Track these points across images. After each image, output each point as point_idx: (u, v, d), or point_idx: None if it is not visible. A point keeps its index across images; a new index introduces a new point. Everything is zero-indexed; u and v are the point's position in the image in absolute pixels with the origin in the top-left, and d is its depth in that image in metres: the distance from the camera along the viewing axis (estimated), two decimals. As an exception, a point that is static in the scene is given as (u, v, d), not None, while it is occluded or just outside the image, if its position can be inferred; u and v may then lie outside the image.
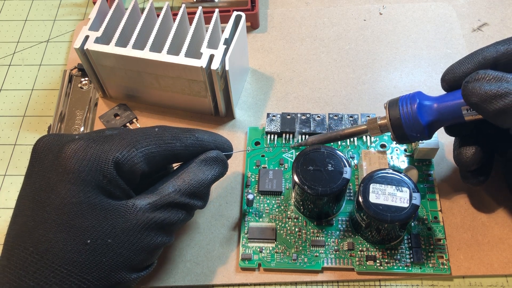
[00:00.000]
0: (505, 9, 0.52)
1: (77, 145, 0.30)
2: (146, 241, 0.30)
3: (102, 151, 0.30)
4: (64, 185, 0.29)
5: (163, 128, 0.34)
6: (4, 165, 0.45)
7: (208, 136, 0.35)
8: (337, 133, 0.38)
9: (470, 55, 0.34)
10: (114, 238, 0.29)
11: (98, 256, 0.29)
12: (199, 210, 0.40)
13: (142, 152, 0.31)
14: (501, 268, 0.37)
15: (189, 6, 0.52)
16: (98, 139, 0.31)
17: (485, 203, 0.40)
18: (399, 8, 0.53)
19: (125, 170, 0.30)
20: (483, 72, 0.31)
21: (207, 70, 0.40)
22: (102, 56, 0.41)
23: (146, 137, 0.32)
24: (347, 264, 0.37)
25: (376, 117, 0.37)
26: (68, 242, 0.28)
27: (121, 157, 0.30)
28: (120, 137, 0.31)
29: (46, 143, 0.31)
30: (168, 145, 0.33)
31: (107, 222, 0.29)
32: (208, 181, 0.34)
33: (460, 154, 0.36)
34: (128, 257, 0.30)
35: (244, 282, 0.37)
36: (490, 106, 0.30)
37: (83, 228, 0.29)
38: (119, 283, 0.30)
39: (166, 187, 0.32)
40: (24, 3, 0.57)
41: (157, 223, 0.31)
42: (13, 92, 0.49)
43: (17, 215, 0.30)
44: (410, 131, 0.35)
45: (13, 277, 0.28)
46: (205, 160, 0.34)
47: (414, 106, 0.34)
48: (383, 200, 0.34)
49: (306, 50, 0.50)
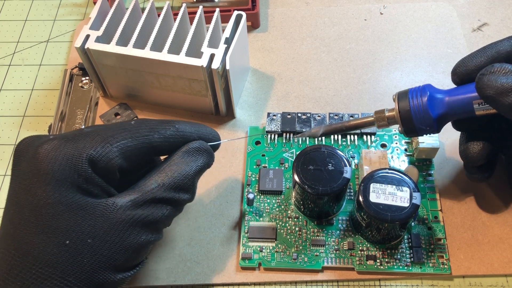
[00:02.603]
0: (505, 9, 0.52)
1: (50, 145, 0.29)
2: (129, 240, 0.30)
3: (76, 149, 0.29)
4: (39, 186, 0.28)
5: (140, 121, 0.32)
6: (4, 165, 0.45)
7: (190, 126, 0.34)
8: (343, 124, 0.37)
9: (482, 49, 0.34)
10: (94, 237, 0.28)
11: (79, 256, 0.28)
12: (199, 209, 0.40)
13: (117, 147, 0.30)
14: (501, 268, 0.37)
15: (189, 5, 0.52)
16: (72, 137, 0.30)
17: (485, 203, 0.40)
18: (399, 8, 0.53)
19: (101, 166, 0.29)
20: (499, 65, 0.30)
21: (208, 69, 0.40)
22: (103, 55, 0.41)
23: (122, 131, 0.31)
24: (347, 263, 0.37)
25: (384, 109, 0.36)
26: (47, 243, 0.28)
27: (95, 153, 0.29)
28: (94, 133, 0.30)
29: (24, 145, 0.30)
30: (145, 138, 0.31)
31: (86, 222, 0.28)
32: (193, 173, 0.32)
33: (467, 149, 0.36)
34: (111, 257, 0.29)
35: (244, 282, 0.37)
36: (506, 99, 0.29)
37: (61, 228, 0.28)
38: (103, 283, 0.29)
39: (148, 182, 0.31)
40: (24, 3, 0.57)
41: (139, 221, 0.30)
42: (13, 92, 0.49)
43: (3, 218, 0.30)
44: (420, 124, 0.34)
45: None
46: (187, 151, 0.33)
47: (425, 98, 0.33)
48: (383, 200, 0.34)
49: (306, 50, 0.50)
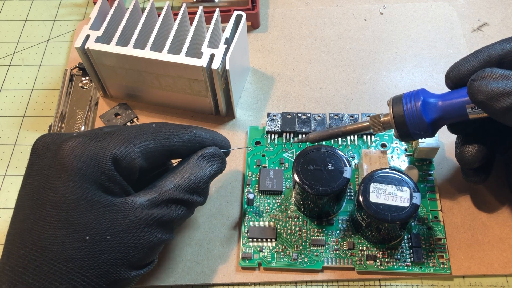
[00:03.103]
0: (505, 9, 0.52)
1: (75, 142, 0.30)
2: (145, 238, 0.30)
3: (100, 148, 0.30)
4: (62, 182, 0.29)
5: (161, 124, 0.34)
6: (4, 165, 0.45)
7: (206, 133, 0.35)
8: (339, 129, 0.38)
9: (475, 53, 0.34)
10: (113, 234, 0.29)
11: (97, 252, 0.29)
12: (199, 208, 0.40)
13: (139, 148, 0.31)
14: (501, 268, 0.37)
15: (189, 5, 0.52)
16: (96, 136, 0.31)
17: (485, 203, 0.40)
18: (399, 8, 0.53)
19: (123, 166, 0.30)
20: (490, 70, 0.30)
21: (208, 69, 0.40)
22: (103, 56, 0.41)
23: (144, 133, 0.32)
24: (347, 263, 0.37)
25: (379, 114, 0.36)
26: (66, 239, 0.28)
27: (118, 153, 0.30)
28: (117, 134, 0.31)
29: (45, 141, 0.31)
30: (165, 141, 0.33)
31: (106, 219, 0.29)
32: (207, 177, 0.34)
33: (462, 152, 0.36)
34: (127, 254, 0.30)
35: (245, 282, 0.37)
36: (497, 104, 0.29)
37: (81, 224, 0.29)
38: (118, 280, 0.29)
39: (165, 183, 0.32)
40: (24, 3, 0.57)
41: (156, 220, 0.31)
42: (13, 92, 0.49)
43: (16, 213, 0.30)
44: (414, 128, 0.34)
45: (13, 274, 0.28)
46: (203, 156, 0.34)
47: (419, 103, 0.34)
48: (383, 200, 0.34)
49: (306, 50, 0.50)
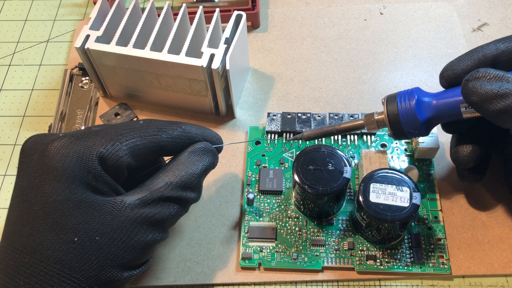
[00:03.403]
0: (505, 9, 0.52)
1: (60, 143, 0.29)
2: (136, 238, 0.30)
3: (86, 147, 0.29)
4: (49, 183, 0.29)
5: (149, 121, 0.33)
6: (4, 165, 0.45)
7: (195, 128, 0.35)
8: (334, 127, 0.38)
9: (469, 52, 0.34)
10: (102, 235, 0.29)
11: (86, 254, 0.28)
12: (199, 208, 0.40)
13: (126, 146, 0.31)
14: (501, 268, 0.37)
15: (189, 5, 0.52)
16: (82, 136, 0.30)
17: (485, 203, 0.40)
18: (399, 8, 0.53)
19: (110, 164, 0.30)
20: (484, 71, 0.30)
21: (208, 69, 0.40)
22: (103, 56, 0.41)
23: (131, 130, 0.32)
24: (347, 263, 0.37)
25: (373, 112, 0.36)
26: (55, 240, 0.28)
27: (105, 151, 0.30)
28: (104, 132, 0.31)
29: (32, 142, 0.31)
30: (153, 137, 0.32)
31: (94, 219, 0.29)
32: (199, 172, 0.33)
33: (457, 152, 0.36)
34: (118, 255, 0.29)
35: (244, 282, 0.37)
36: (490, 106, 0.29)
37: (69, 225, 0.28)
38: (110, 281, 0.29)
39: (156, 181, 0.32)
40: (24, 3, 0.57)
41: (147, 219, 0.30)
42: (13, 92, 0.49)
43: (8, 215, 0.30)
44: (408, 127, 0.34)
45: (6, 277, 0.28)
46: (194, 151, 0.33)
47: (413, 102, 0.34)
48: (383, 200, 0.34)
49: (306, 50, 0.50)
